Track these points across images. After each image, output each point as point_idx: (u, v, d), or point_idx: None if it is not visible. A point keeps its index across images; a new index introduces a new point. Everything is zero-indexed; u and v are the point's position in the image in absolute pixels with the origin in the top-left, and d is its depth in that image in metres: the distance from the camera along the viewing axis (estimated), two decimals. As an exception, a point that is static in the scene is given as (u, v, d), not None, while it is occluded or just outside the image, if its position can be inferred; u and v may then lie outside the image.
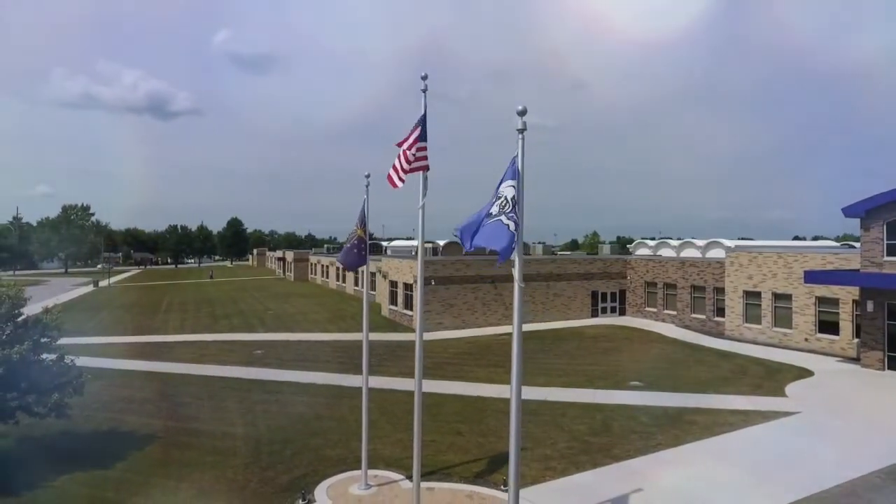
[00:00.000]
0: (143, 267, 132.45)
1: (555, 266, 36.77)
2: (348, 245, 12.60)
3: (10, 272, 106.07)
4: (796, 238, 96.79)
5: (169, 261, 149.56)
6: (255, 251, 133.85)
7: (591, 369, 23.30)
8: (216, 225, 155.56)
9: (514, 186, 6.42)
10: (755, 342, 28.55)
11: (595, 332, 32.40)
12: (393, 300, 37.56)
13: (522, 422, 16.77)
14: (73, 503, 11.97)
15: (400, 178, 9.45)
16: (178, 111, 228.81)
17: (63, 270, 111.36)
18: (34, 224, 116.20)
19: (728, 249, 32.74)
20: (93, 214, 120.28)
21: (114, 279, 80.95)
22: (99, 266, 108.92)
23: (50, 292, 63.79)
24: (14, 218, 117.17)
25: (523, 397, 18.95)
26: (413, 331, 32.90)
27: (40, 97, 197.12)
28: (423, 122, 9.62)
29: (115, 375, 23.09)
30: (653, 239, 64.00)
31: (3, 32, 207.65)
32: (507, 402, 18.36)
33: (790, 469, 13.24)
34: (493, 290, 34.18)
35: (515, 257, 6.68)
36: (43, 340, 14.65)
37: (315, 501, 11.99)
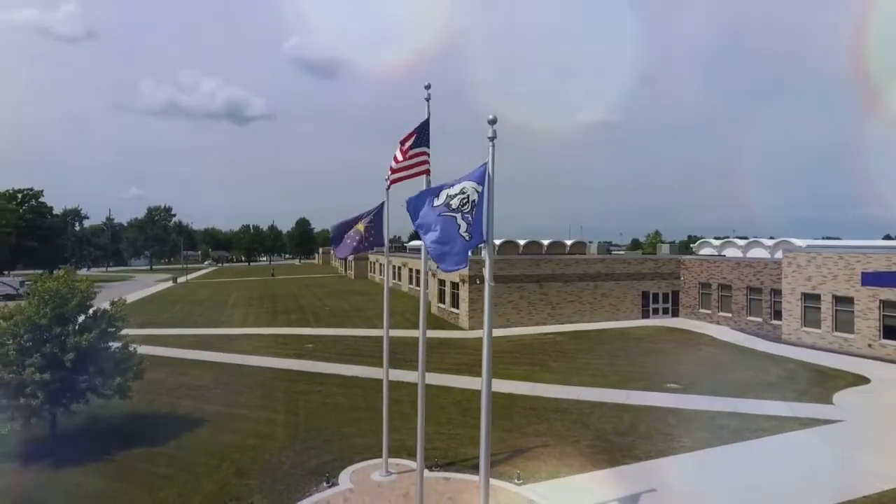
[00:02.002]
0: (220, 264, 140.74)
1: (603, 266, 36.29)
2: (345, 233, 13.34)
3: (103, 269, 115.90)
4: (887, 237, 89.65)
5: (243, 259, 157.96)
6: (320, 250, 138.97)
7: (630, 370, 23.06)
8: (286, 224, 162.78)
9: (478, 191, 6.86)
10: (814, 347, 27.13)
11: (642, 333, 31.79)
12: (441, 298, 38.36)
13: (548, 419, 17.11)
14: (129, 475, 13.43)
15: (394, 181, 10.04)
16: (253, 116, 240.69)
17: (148, 267, 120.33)
18: (125, 224, 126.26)
19: (786, 249, 31.16)
20: (174, 215, 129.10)
21: (191, 276, 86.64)
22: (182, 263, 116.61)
23: (134, 287, 69.40)
24: (107, 219, 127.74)
25: (554, 396, 19.23)
26: (459, 329, 33.55)
27: (131, 107, 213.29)
28: (425, 128, 10.18)
29: (180, 364, 25.16)
30: (726, 238, 61.36)
31: (99, 49, 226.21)
32: (538, 399, 18.87)
33: (813, 479, 12.84)
34: (538, 290, 34.24)
35: (486, 258, 7.14)
36: (110, 330, 16.37)
37: (338, 484, 12.87)
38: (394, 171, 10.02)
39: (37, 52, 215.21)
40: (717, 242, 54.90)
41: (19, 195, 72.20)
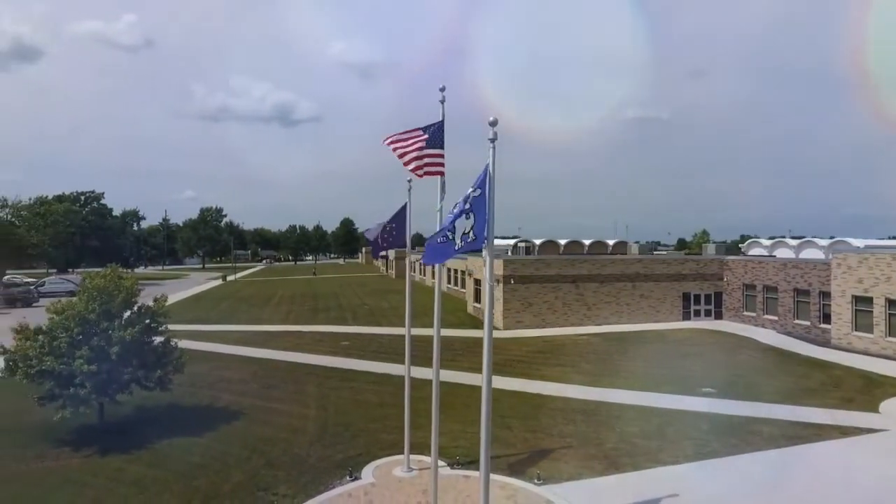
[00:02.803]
0: (270, 263, 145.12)
1: (641, 266, 35.54)
2: (379, 235, 13.63)
3: (160, 267, 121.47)
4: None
5: (290, 258, 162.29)
6: (363, 249, 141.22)
7: (663, 373, 22.57)
8: (330, 224, 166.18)
9: (474, 195, 6.99)
10: (866, 353, 25.80)
11: (681, 335, 30.99)
12: (477, 298, 38.46)
13: (574, 420, 17.05)
14: (167, 463, 14.19)
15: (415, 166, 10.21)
16: (301, 119, 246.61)
17: (201, 266, 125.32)
18: (180, 225, 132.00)
19: (837, 249, 29.73)
20: (225, 216, 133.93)
21: (240, 274, 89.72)
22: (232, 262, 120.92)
23: (186, 285, 72.49)
24: (163, 220, 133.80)
25: (582, 397, 19.09)
26: (495, 328, 33.53)
27: (186, 112, 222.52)
28: (440, 129, 10.36)
29: (222, 359, 26.23)
30: (781, 237, 59.00)
31: (156, 57, 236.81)
32: (566, 400, 18.78)
33: (847, 490, 12.33)
34: (574, 291, 33.87)
35: (486, 257, 7.26)
36: (153, 325, 17.29)
37: (361, 478, 13.22)
38: (395, 141, 10.21)
39: (100, 61, 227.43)
40: (767, 242, 52.80)
41: (82, 197, 76.79)
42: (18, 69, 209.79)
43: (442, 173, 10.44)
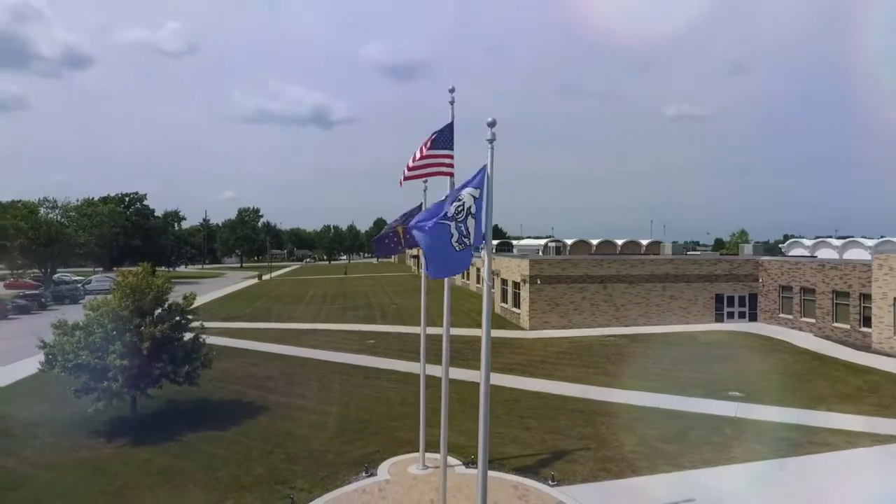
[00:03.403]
0: (307, 261, 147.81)
1: (671, 266, 34.77)
2: (385, 234, 13.73)
3: (200, 266, 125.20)
4: None
5: (324, 257, 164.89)
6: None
7: (691, 376, 22.09)
8: (365, 224, 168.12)
9: (475, 196, 7.04)
10: (910, 358, 24.66)
11: (712, 338, 30.21)
12: (504, 298, 38.36)
13: (594, 422, 16.90)
14: (193, 455, 14.71)
15: (407, 178, 10.32)
16: (337, 120, 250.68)
17: (239, 265, 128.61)
18: (220, 225, 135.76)
19: (878, 250, 28.49)
20: (262, 216, 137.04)
21: (275, 273, 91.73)
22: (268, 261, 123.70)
23: (223, 284, 74.56)
24: (203, 220, 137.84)
25: (605, 399, 18.88)
26: (521, 328, 33.45)
27: (226, 115, 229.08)
28: (450, 130, 10.45)
29: (252, 355, 26.94)
30: (828, 237, 56.83)
31: (199, 63, 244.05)
32: (588, 402, 18.62)
33: (875, 501, 11.83)
34: (602, 291, 33.42)
35: (485, 258, 7.32)
36: (183, 322, 17.92)
37: (376, 475, 13.42)
38: (409, 168, 10.34)
39: (145, 67, 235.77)
40: (809, 242, 50.96)
41: (126, 198, 79.84)
42: (70, 76, 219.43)
43: (451, 174, 10.53)
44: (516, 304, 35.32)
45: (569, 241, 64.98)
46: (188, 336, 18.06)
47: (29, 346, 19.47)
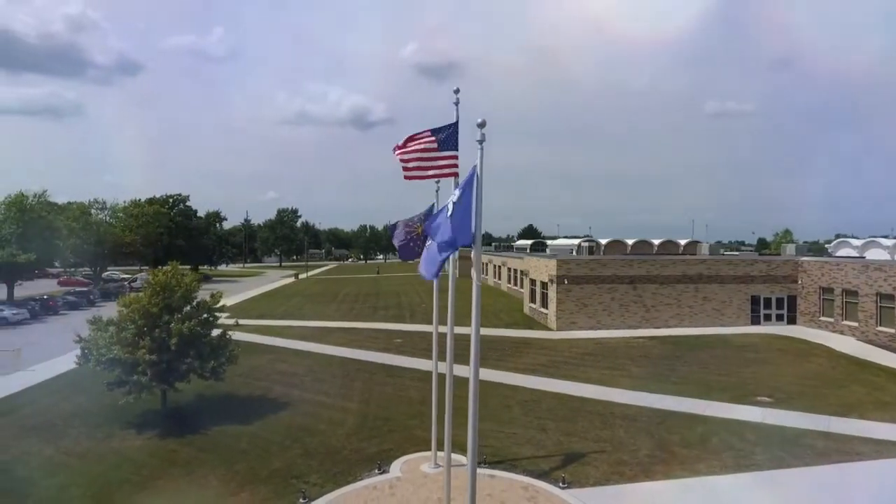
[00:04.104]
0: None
1: (704, 267, 33.82)
2: (406, 238, 13.79)
3: (240, 265, 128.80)
4: None
5: (361, 257, 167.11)
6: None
7: (719, 380, 21.50)
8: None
9: (458, 195, 7.09)
10: (959, 365, 23.30)
11: (745, 341, 29.26)
12: (532, 298, 38.11)
13: (612, 425, 16.69)
14: (215, 448, 15.24)
15: (411, 178, 10.39)
16: (375, 121, 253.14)
17: (278, 264, 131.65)
18: (260, 225, 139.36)
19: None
20: (300, 216, 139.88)
21: (311, 272, 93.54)
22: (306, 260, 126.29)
23: (261, 282, 76.53)
24: (245, 220, 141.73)
25: (626, 402, 18.59)
26: (548, 329, 33.19)
27: (267, 118, 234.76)
28: (455, 131, 10.52)
29: (281, 352, 27.63)
30: (882, 237, 54.13)
31: (242, 67, 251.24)
32: (608, 404, 18.42)
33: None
34: (631, 292, 32.80)
35: (473, 257, 7.37)
36: (210, 319, 18.54)
37: (389, 472, 13.62)
38: (406, 161, 10.40)
39: (191, 72, 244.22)
40: (858, 242, 48.66)
41: (170, 200, 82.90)
42: (121, 82, 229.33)
43: (456, 174, 10.60)
44: (544, 304, 35.05)
45: (603, 241, 63.89)
46: (216, 332, 18.67)
47: (74, 340, 20.50)
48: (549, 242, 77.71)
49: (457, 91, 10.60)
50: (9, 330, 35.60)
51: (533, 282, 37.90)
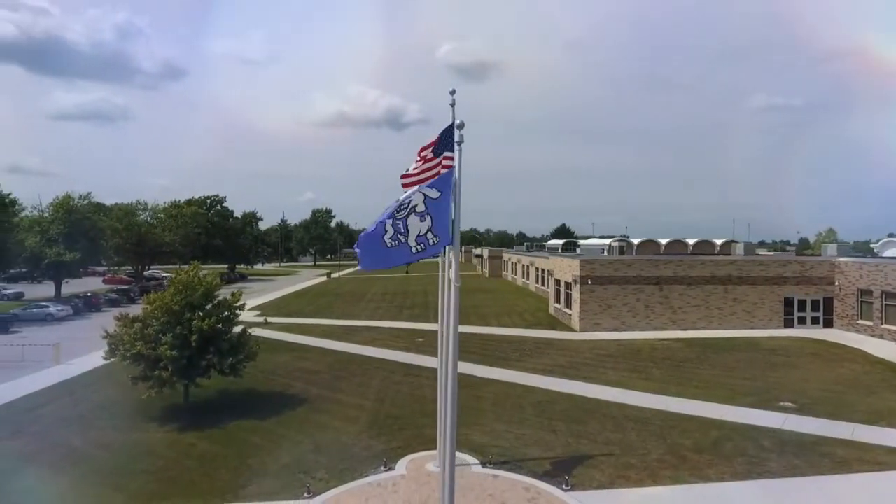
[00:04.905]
0: None
1: (734, 268, 32.82)
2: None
3: (276, 264, 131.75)
4: None
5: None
6: (463, 248, 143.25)
7: (742, 384, 20.89)
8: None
9: (427, 195, 7.12)
10: None
11: (776, 344, 28.29)
12: (556, 298, 37.76)
13: (624, 428, 16.49)
14: (231, 442, 15.74)
15: (408, 185, 10.47)
16: (410, 122, 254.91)
17: (312, 263, 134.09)
18: (296, 225, 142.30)
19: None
20: (334, 216, 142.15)
21: (344, 272, 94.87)
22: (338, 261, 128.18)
23: (294, 281, 78.11)
24: (281, 220, 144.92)
25: (641, 405, 18.31)
26: (571, 329, 32.84)
27: (306, 119, 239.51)
28: (450, 133, 10.58)
29: (305, 350, 28.21)
30: None
31: (280, 70, 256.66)
32: (623, 407, 18.20)
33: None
34: (657, 293, 32.13)
35: (452, 258, 7.44)
36: (231, 317, 19.10)
37: (394, 470, 13.80)
38: (406, 175, 10.52)
39: (232, 75, 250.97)
40: (907, 242, 46.36)
41: (207, 201, 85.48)
42: (167, 87, 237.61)
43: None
44: (568, 304, 34.70)
45: (635, 241, 62.75)
46: (237, 329, 19.21)
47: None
48: (580, 242, 76.75)
49: (452, 92, 10.62)
50: (54, 325, 37.49)
51: (557, 282, 37.55)
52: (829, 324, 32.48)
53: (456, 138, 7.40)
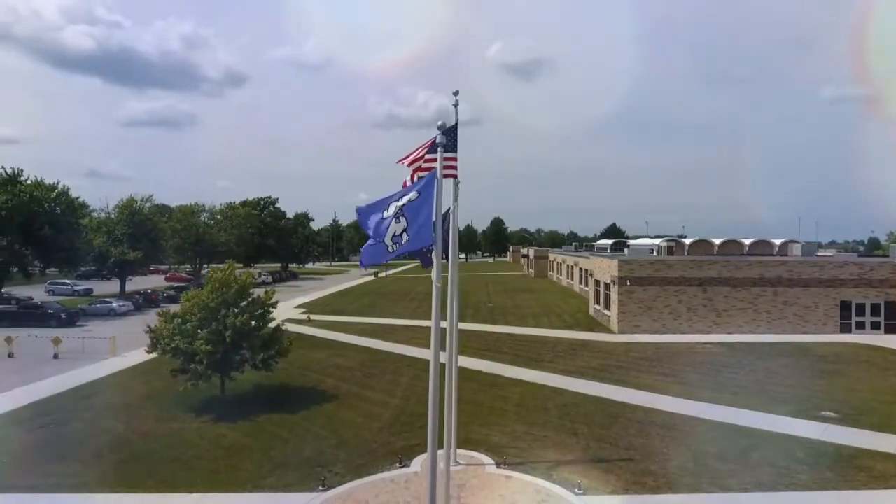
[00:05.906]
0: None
1: (784, 269, 31.21)
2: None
3: (328, 263, 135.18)
4: None
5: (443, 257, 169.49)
6: (511, 248, 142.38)
7: (783, 391, 19.92)
8: (482, 224, 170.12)
9: (412, 199, 7.26)
10: None
11: (828, 350, 26.73)
12: (596, 299, 37.05)
13: (648, 434, 16.17)
14: (259, 434, 16.39)
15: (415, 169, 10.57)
16: (460, 122, 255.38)
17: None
18: (347, 225, 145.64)
19: None
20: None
21: (391, 271, 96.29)
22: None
23: (342, 280, 79.94)
24: (333, 221, 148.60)
25: (671, 410, 17.89)
26: (609, 331, 32.19)
27: (358, 121, 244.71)
28: (454, 133, 10.69)
29: (341, 347, 28.93)
30: None
31: (335, 74, 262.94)
32: (651, 412, 17.86)
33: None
34: (701, 294, 30.99)
35: (434, 258, 7.56)
36: (265, 314, 19.87)
37: (409, 467, 14.02)
38: (410, 164, 10.60)
39: (290, 81, 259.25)
40: None
41: (261, 202, 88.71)
42: (230, 94, 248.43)
43: (455, 176, 10.77)
44: (607, 306, 34.00)
45: (687, 241, 60.60)
46: (272, 325, 19.97)
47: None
48: (630, 242, 74.84)
49: (456, 93, 10.77)
50: (116, 320, 40.00)
51: (597, 283, 36.86)
52: (891, 329, 30.40)
53: (438, 139, 7.50)
